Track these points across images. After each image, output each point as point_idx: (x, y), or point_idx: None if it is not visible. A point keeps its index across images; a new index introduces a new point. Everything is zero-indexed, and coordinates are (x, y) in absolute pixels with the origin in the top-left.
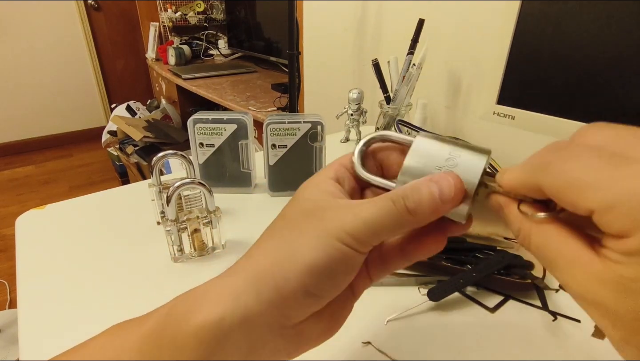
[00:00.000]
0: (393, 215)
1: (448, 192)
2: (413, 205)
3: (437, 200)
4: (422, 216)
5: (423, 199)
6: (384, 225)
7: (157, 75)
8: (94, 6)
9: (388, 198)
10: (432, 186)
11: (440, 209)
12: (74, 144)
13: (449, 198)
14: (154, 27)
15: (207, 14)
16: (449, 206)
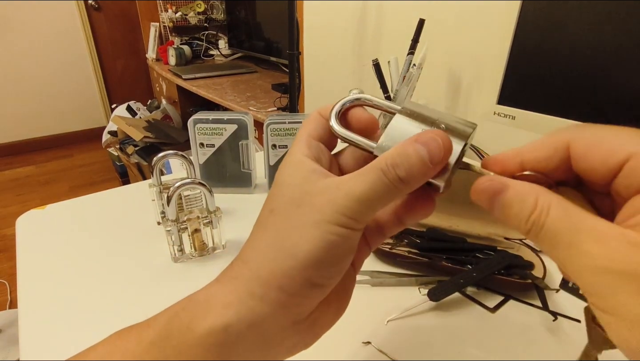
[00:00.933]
0: (385, 186)
1: (437, 153)
2: (404, 174)
3: (428, 164)
4: (414, 183)
5: (414, 165)
6: (378, 198)
7: (158, 75)
8: (94, 6)
9: (377, 168)
10: (421, 149)
11: (431, 172)
12: (75, 144)
13: (438, 160)
14: (154, 27)
15: (207, 14)
16: (439, 168)
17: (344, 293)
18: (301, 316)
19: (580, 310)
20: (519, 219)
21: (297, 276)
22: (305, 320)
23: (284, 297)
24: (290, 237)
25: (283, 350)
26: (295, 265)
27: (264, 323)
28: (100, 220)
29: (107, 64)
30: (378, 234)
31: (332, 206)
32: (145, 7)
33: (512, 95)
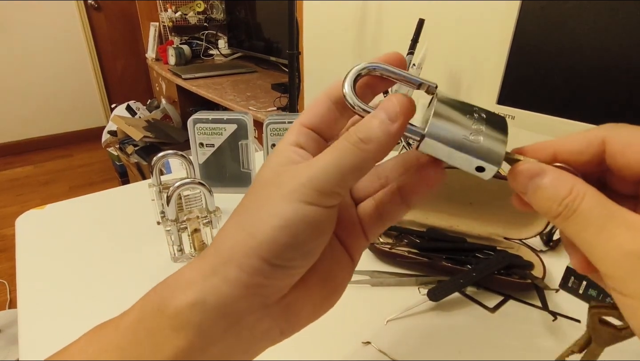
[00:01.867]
0: (350, 152)
1: (392, 109)
2: (363, 134)
3: (386, 120)
4: (377, 142)
5: (372, 125)
6: (344, 165)
7: (157, 75)
8: (94, 6)
9: (341, 139)
10: (378, 111)
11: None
12: (74, 144)
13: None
14: (154, 27)
15: (207, 14)
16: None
17: (331, 281)
18: (269, 298)
19: (580, 310)
20: (552, 201)
21: (254, 256)
22: (277, 304)
23: (244, 276)
24: (252, 216)
25: (257, 334)
26: (252, 245)
27: (229, 302)
28: (100, 220)
29: (107, 64)
30: (377, 220)
31: (295, 180)
32: (145, 7)
33: (512, 95)
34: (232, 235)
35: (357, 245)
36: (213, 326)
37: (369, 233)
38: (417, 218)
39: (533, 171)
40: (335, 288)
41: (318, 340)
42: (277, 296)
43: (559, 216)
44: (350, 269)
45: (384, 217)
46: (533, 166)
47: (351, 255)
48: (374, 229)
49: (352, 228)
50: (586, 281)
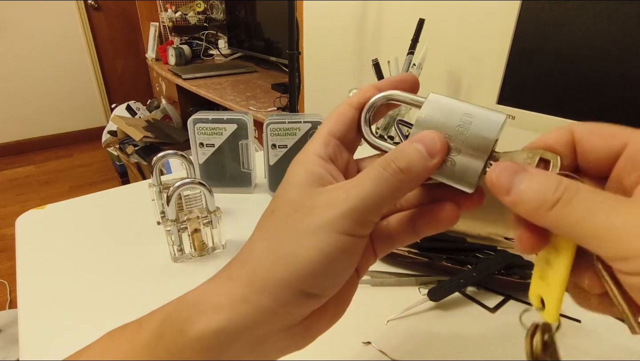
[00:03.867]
0: (387, 180)
1: (432, 145)
2: (404, 164)
3: (425, 155)
4: (415, 173)
5: (412, 157)
6: (381, 194)
7: (157, 75)
8: (94, 6)
9: (377, 165)
10: (416, 144)
11: (429, 164)
12: (74, 144)
13: (434, 151)
14: (154, 27)
15: (207, 14)
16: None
17: (343, 300)
18: (293, 323)
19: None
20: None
21: (292, 287)
22: (298, 326)
23: (276, 306)
24: (288, 244)
25: (274, 351)
26: (289, 277)
27: (255, 329)
28: (100, 220)
29: (107, 64)
30: (387, 242)
31: (333, 210)
32: (145, 7)
33: (512, 95)
34: (265, 262)
35: (366, 263)
36: (235, 349)
37: (379, 252)
38: None
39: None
40: (344, 303)
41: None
42: (301, 319)
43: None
44: (356, 284)
45: (394, 240)
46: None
47: (359, 272)
48: (384, 250)
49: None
50: None
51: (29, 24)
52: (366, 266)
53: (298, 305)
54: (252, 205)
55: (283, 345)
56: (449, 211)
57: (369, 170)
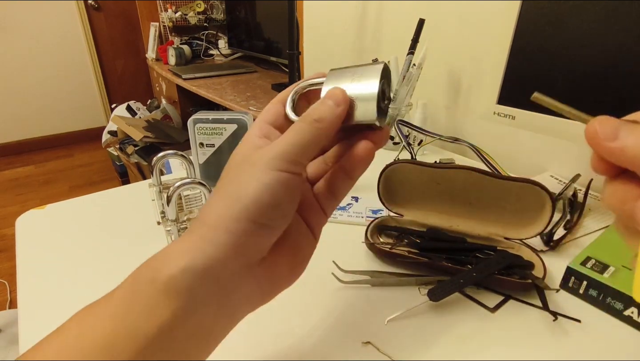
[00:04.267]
0: (307, 129)
1: (337, 97)
2: (317, 115)
3: (332, 105)
4: (327, 120)
5: (323, 109)
6: (304, 140)
7: (157, 75)
8: (94, 6)
9: (299, 120)
10: (326, 99)
11: (337, 111)
12: (74, 144)
13: (339, 101)
14: (154, 27)
15: (207, 14)
16: (342, 107)
17: (300, 251)
18: (252, 258)
19: (580, 310)
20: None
21: (243, 217)
22: (260, 265)
23: (232, 238)
24: (235, 187)
25: (241, 297)
26: (240, 207)
27: (217, 265)
28: (100, 220)
29: (107, 64)
30: (330, 196)
31: (268, 154)
32: (145, 7)
33: (512, 95)
34: (216, 206)
35: (317, 221)
36: (203, 289)
37: (326, 208)
38: (417, 218)
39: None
40: (302, 259)
41: (318, 340)
42: (259, 256)
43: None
44: (313, 243)
45: (335, 193)
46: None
47: (313, 231)
48: (330, 205)
49: (311, 206)
50: (586, 281)
51: (29, 24)
52: (318, 224)
53: (251, 233)
54: None
55: (248, 288)
56: (363, 145)
57: (292, 125)
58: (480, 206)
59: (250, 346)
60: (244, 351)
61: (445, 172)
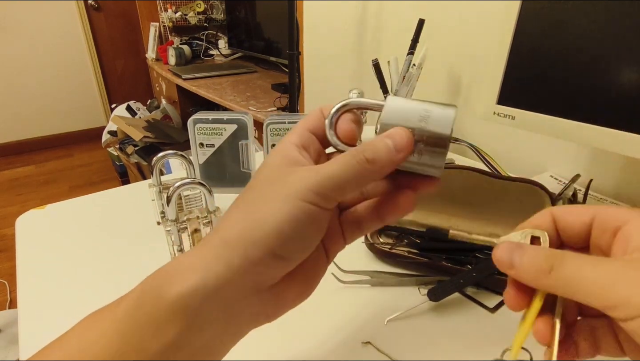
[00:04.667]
0: (353, 167)
1: (400, 141)
2: (371, 155)
3: (392, 149)
4: (379, 164)
5: (379, 149)
6: (346, 177)
7: (157, 75)
8: (94, 6)
9: (348, 153)
10: (386, 139)
11: (395, 158)
12: (74, 144)
13: (402, 147)
14: (154, 27)
15: (207, 14)
16: (403, 155)
17: (311, 276)
18: (263, 285)
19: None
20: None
21: (262, 245)
22: (268, 291)
23: (247, 264)
24: (260, 210)
25: (246, 317)
26: (261, 235)
27: (227, 288)
28: (100, 220)
29: (107, 64)
30: (356, 228)
31: (302, 183)
32: (145, 7)
33: (512, 95)
34: (237, 223)
35: (335, 247)
36: (211, 310)
37: (348, 237)
38: (417, 218)
39: (513, 245)
40: (311, 283)
41: (318, 340)
42: (270, 283)
43: (552, 268)
44: (325, 266)
45: (362, 226)
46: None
47: (328, 254)
48: (352, 235)
49: (334, 232)
50: None
51: (29, 24)
52: (335, 249)
53: (267, 264)
54: None
55: (253, 310)
56: (407, 196)
57: (340, 156)
58: (480, 206)
59: (250, 346)
60: (243, 351)
61: (445, 173)
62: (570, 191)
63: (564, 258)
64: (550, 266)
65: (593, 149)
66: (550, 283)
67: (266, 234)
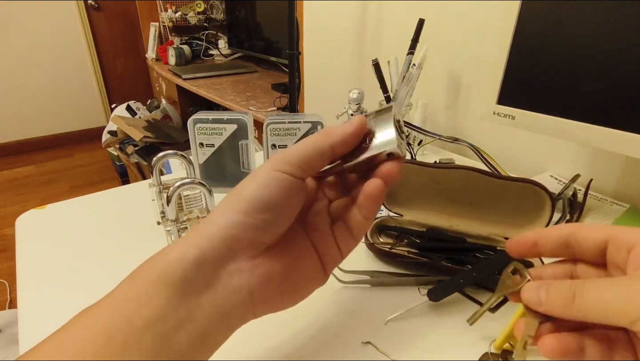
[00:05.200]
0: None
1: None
2: (329, 129)
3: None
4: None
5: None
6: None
7: (157, 75)
8: (94, 6)
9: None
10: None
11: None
12: (74, 144)
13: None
14: (154, 27)
15: (207, 14)
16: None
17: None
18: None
19: None
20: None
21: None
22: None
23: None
24: (239, 185)
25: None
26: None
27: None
28: (100, 220)
29: (107, 64)
30: (347, 233)
31: (275, 157)
32: (145, 7)
33: (512, 95)
34: (221, 204)
35: (330, 256)
36: (194, 278)
37: (342, 246)
38: (417, 218)
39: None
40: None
41: (318, 340)
42: (248, 253)
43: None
44: (319, 279)
45: (351, 230)
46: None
47: (324, 265)
48: (346, 242)
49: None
50: None
51: (29, 24)
52: (332, 262)
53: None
54: None
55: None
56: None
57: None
58: (480, 206)
59: (250, 346)
60: (243, 351)
61: (445, 172)
62: (570, 191)
63: (584, 286)
64: (572, 295)
65: (593, 149)
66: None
67: (241, 200)
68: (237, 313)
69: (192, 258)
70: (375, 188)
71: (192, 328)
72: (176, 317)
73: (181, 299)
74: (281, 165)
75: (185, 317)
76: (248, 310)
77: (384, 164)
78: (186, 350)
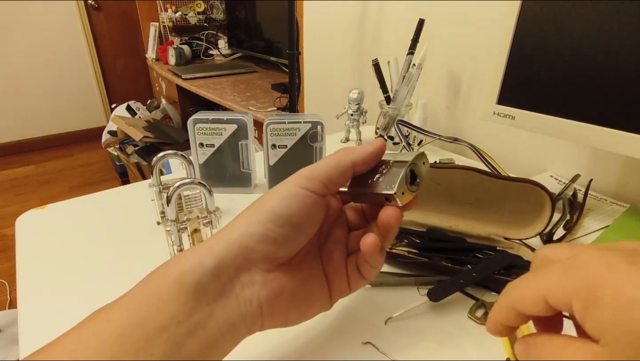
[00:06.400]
0: (338, 157)
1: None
2: (350, 148)
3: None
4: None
5: (358, 147)
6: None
7: (157, 75)
8: (94, 6)
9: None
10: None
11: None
12: (74, 144)
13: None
14: (154, 27)
15: (207, 14)
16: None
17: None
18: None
19: None
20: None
21: (254, 222)
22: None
23: (240, 240)
24: (260, 200)
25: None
26: (256, 217)
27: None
28: (100, 220)
29: (107, 64)
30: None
31: (297, 174)
32: (145, 7)
33: (512, 95)
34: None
35: (338, 288)
36: (209, 286)
37: (352, 282)
38: (417, 218)
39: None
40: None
41: (318, 340)
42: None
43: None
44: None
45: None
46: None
47: (331, 293)
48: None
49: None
50: None
51: (29, 24)
52: (338, 292)
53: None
54: None
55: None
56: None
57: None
58: (480, 206)
59: (250, 346)
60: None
61: (445, 173)
62: (570, 191)
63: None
64: None
65: (593, 149)
66: None
67: (262, 212)
68: (245, 324)
69: (210, 266)
70: (369, 246)
71: (204, 335)
72: (190, 323)
73: (195, 306)
74: (303, 181)
75: (198, 324)
76: (256, 322)
77: (384, 209)
78: (196, 356)
